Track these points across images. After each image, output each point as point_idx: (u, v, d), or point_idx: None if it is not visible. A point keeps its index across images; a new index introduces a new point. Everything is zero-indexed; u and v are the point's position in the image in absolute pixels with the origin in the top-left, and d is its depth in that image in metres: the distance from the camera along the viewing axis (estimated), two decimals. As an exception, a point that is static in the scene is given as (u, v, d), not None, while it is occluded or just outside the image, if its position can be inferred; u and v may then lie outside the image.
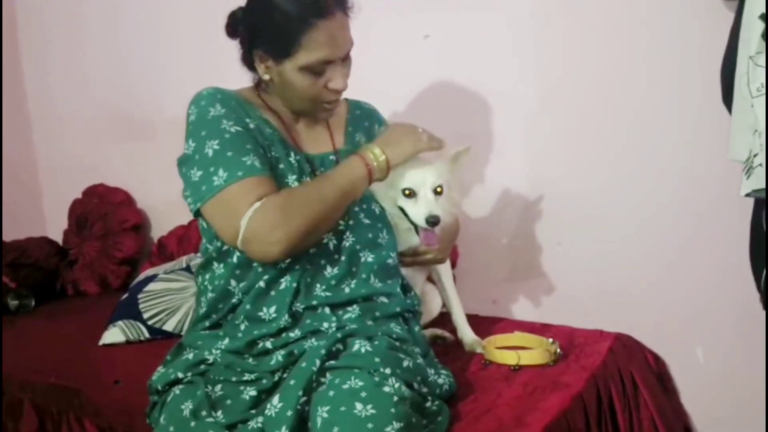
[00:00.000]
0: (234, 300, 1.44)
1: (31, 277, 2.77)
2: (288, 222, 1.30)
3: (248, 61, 1.49)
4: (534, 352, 1.74)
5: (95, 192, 2.98)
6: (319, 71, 1.40)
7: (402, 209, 1.55)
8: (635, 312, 1.99)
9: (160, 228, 2.90)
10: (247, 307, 1.41)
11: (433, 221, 1.49)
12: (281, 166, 1.44)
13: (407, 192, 1.52)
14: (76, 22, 3.02)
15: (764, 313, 1.54)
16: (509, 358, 1.71)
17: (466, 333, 1.83)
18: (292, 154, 1.47)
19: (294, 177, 1.44)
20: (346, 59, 1.44)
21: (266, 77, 1.47)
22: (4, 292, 2.63)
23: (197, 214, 1.41)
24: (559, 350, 1.75)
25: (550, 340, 1.78)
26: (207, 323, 1.47)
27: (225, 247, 1.43)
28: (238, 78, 1.55)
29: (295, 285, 1.41)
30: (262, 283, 1.41)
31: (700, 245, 1.90)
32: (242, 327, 1.42)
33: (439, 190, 1.53)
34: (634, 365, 1.84)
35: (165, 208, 2.90)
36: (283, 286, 1.41)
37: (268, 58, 1.43)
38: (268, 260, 1.36)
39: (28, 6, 3.16)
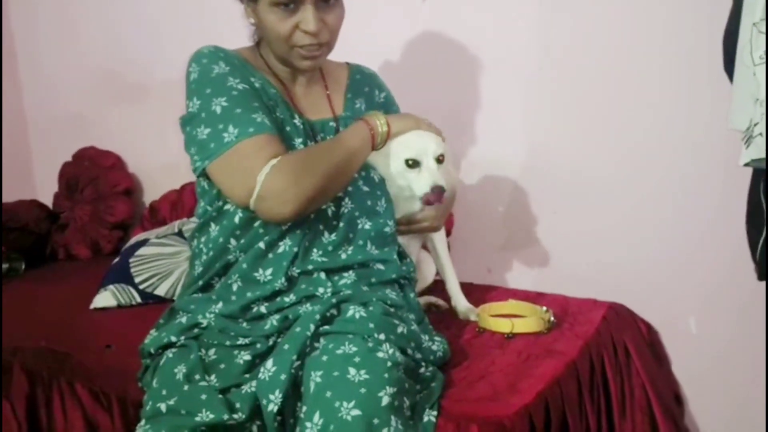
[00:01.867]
0: (230, 257, 1.42)
1: (20, 241, 2.74)
2: (303, 181, 1.30)
3: None
4: (528, 320, 1.74)
5: (86, 155, 2.94)
6: (290, 9, 1.37)
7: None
8: (629, 281, 1.99)
9: (152, 192, 2.88)
10: (244, 266, 1.40)
11: (438, 191, 1.48)
12: (287, 128, 1.43)
13: (410, 162, 1.51)
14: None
15: (758, 284, 1.54)
16: (503, 326, 1.71)
17: (460, 301, 1.83)
18: (296, 117, 1.46)
19: (300, 140, 1.43)
20: (326, 3, 1.39)
21: (251, 21, 1.45)
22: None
23: (201, 173, 1.39)
24: (552, 318, 1.75)
25: (544, 308, 1.78)
26: (200, 283, 1.45)
27: (225, 207, 1.42)
28: (232, 39, 1.52)
29: (295, 249, 1.40)
30: (261, 245, 1.40)
31: (696, 216, 1.89)
32: (234, 288, 1.41)
33: (440, 158, 1.52)
34: (627, 334, 1.85)
35: (157, 173, 2.87)
36: (281, 249, 1.40)
37: None
38: (279, 219, 1.35)
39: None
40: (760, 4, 1.33)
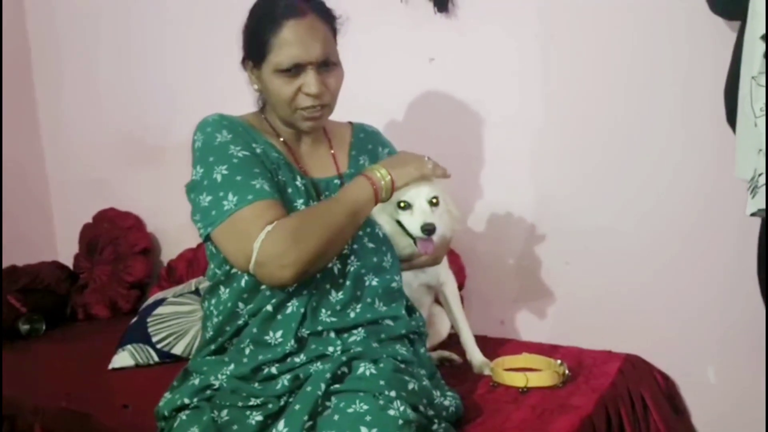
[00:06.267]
0: (240, 322, 1.44)
1: (42, 302, 2.78)
2: (300, 245, 1.30)
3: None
4: (542, 373, 1.73)
5: (106, 216, 3.01)
6: (292, 74, 1.41)
7: (399, 223, 1.55)
8: (644, 332, 1.98)
9: (169, 251, 2.92)
10: (254, 330, 1.41)
11: (429, 229, 1.49)
12: (289, 190, 1.45)
13: (402, 204, 1.52)
14: (88, 47, 3.07)
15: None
16: (517, 380, 1.70)
17: (475, 355, 1.83)
18: (299, 178, 1.48)
19: (302, 201, 1.45)
20: (326, 67, 1.44)
21: (255, 87, 1.50)
22: (15, 316, 2.65)
23: (207, 239, 1.42)
24: (567, 372, 1.74)
25: (559, 361, 1.77)
26: (213, 347, 1.46)
27: (233, 271, 1.43)
28: (245, 104, 1.57)
29: (302, 310, 1.41)
30: (269, 307, 1.41)
31: (709, 265, 1.89)
32: (247, 351, 1.42)
33: (434, 201, 1.53)
34: (643, 386, 1.83)
35: (174, 232, 2.92)
36: (289, 310, 1.41)
37: (252, 65, 1.48)
38: (279, 284, 1.35)
39: (41, 30, 3.21)
40: (757, 58, 1.36)
